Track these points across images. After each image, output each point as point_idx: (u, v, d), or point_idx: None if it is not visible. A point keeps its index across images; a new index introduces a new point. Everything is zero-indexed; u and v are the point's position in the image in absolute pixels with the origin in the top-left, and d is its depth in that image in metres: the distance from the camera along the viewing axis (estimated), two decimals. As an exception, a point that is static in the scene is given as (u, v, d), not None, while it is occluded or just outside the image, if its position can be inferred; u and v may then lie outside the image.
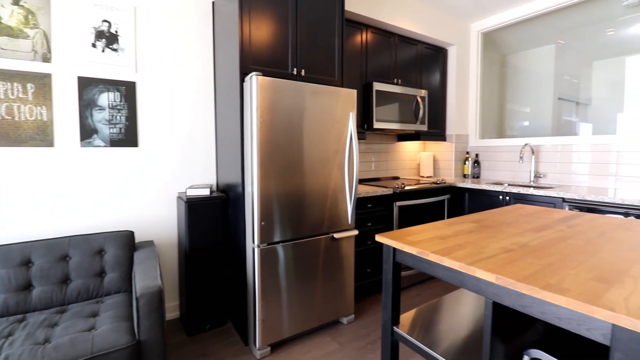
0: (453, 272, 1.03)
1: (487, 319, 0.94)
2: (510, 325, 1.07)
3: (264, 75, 1.96)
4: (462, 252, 1.07)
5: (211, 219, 2.07)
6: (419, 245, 1.14)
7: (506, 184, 2.95)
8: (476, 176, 3.55)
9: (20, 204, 1.82)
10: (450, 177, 3.61)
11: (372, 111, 2.83)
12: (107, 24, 2.05)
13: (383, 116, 2.90)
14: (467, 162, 3.57)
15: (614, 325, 0.70)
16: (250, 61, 1.92)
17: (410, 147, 3.75)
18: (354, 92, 2.18)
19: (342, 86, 2.34)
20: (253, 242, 1.82)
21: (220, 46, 2.23)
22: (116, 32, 2.08)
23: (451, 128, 3.60)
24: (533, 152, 3.12)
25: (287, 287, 1.94)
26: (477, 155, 3.61)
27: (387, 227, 2.64)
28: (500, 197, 2.78)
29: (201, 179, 2.38)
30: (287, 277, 1.93)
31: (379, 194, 2.53)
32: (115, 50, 2.08)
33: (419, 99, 3.16)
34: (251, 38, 1.91)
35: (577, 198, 2.29)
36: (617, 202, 2.11)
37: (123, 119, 2.10)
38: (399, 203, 2.65)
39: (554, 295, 0.76)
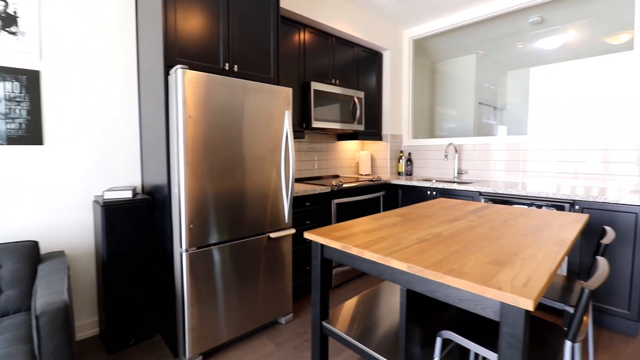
0: (373, 263, 1.07)
1: (402, 306, 0.99)
2: (426, 310, 1.15)
3: (191, 69, 1.85)
4: (382, 244, 1.11)
5: (134, 224, 1.91)
6: (344, 240, 1.17)
7: (434, 180, 3.18)
8: (409, 173, 3.78)
9: None
10: (386, 174, 3.79)
11: (310, 110, 2.85)
12: (3, 3, 1.78)
13: (321, 115, 2.94)
14: (401, 161, 3.78)
15: (501, 303, 0.78)
16: (176, 53, 1.80)
17: (349, 147, 3.86)
18: (290, 90, 2.18)
19: (278, 84, 2.31)
20: (181, 246, 1.71)
21: (145, 34, 2.06)
22: (15, 12, 1.81)
23: (386, 128, 3.78)
24: (456, 151, 3.41)
25: (221, 291, 1.86)
26: (409, 154, 3.85)
27: (325, 225, 2.68)
28: (429, 192, 2.99)
29: (124, 180, 2.18)
30: (220, 281, 1.86)
31: (317, 192, 2.55)
32: (13, 33, 1.81)
33: (356, 100, 3.26)
34: (177, 28, 1.80)
35: (490, 191, 2.56)
36: (522, 194, 2.40)
37: (24, 112, 1.83)
38: (336, 200, 2.70)
39: (454, 279, 0.83)
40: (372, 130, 3.68)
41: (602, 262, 0.96)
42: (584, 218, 1.54)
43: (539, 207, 2.34)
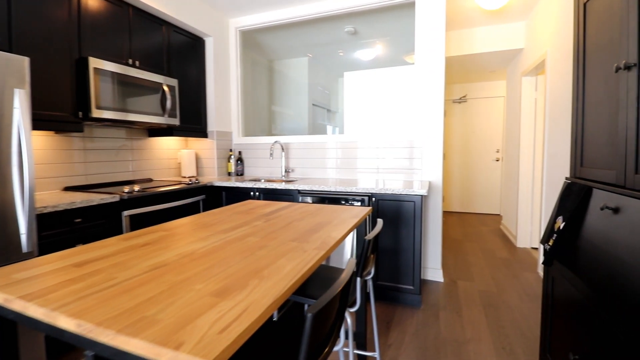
0: (46, 324, 0.68)
1: (87, 384, 0.64)
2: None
3: None
4: (83, 284, 0.73)
5: None
6: (20, 285, 0.73)
7: (263, 180, 3.01)
8: (240, 173, 3.51)
9: None
10: (214, 175, 3.41)
11: (89, 95, 2.16)
12: None
13: (111, 103, 2.29)
14: (231, 160, 3.48)
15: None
16: None
17: (169, 144, 3.28)
18: (25, 60, 1.51)
19: (10, 50, 1.59)
20: None
21: None
22: None
23: (212, 124, 3.39)
24: (283, 149, 3.36)
25: None
26: (240, 153, 3.58)
27: (116, 244, 2.08)
28: (252, 193, 2.79)
29: None
30: None
31: (94, 203, 1.93)
32: None
33: (166, 88, 2.74)
34: None
35: (307, 189, 2.55)
36: (332, 190, 2.47)
37: None
38: (129, 212, 2.14)
39: (126, 339, 0.53)
40: (194, 125, 3.22)
41: (347, 268, 0.87)
42: (365, 211, 1.58)
43: (347, 201, 2.45)
